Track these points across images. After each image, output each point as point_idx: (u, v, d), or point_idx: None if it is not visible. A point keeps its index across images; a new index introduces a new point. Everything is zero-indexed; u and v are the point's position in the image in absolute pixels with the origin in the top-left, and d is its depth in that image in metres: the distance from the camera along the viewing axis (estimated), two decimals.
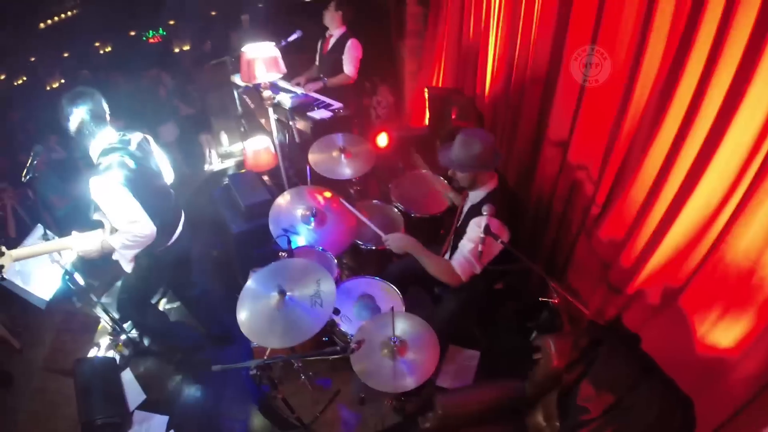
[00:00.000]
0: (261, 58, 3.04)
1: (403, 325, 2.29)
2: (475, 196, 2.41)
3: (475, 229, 2.23)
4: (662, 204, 1.90)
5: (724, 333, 1.62)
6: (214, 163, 5.74)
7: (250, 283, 2.24)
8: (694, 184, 1.72)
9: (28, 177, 2.53)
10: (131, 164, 2.24)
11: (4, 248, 2.16)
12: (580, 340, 2.08)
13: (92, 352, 3.26)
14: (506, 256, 2.29)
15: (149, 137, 2.50)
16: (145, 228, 2.20)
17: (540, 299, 2.11)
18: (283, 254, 2.61)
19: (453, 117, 3.67)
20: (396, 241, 2.44)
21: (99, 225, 2.36)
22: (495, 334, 2.93)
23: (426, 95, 4.14)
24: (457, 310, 2.61)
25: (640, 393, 1.82)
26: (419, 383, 2.10)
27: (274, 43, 3.19)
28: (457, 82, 4.08)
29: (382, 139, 3.90)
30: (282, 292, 2.12)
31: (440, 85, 4.40)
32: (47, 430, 2.89)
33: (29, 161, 2.52)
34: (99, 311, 3.07)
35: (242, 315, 2.12)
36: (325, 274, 2.21)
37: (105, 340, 3.31)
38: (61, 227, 3.78)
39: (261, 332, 2.09)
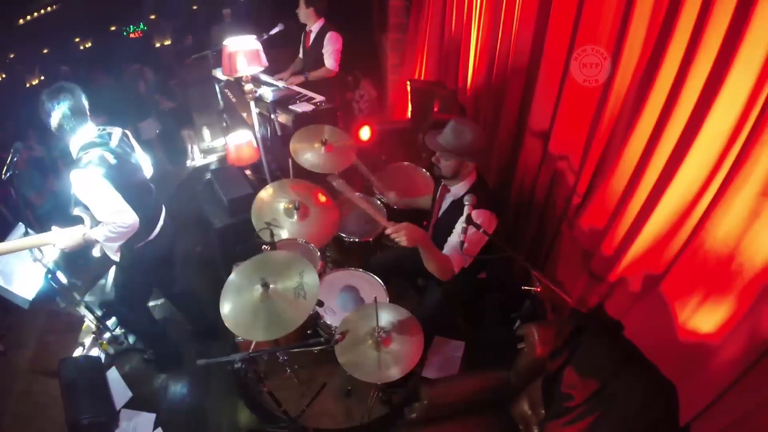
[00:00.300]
0: (242, 51, 3.01)
1: (387, 316, 2.30)
2: (456, 189, 2.41)
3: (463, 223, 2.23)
4: (642, 192, 1.91)
5: (704, 319, 1.64)
6: (196, 159, 5.68)
7: (233, 276, 2.23)
8: (673, 172, 1.74)
9: (7, 174, 2.48)
10: (112, 160, 2.22)
11: None
12: (563, 328, 2.10)
13: (77, 352, 3.22)
14: (490, 246, 2.30)
15: (128, 132, 2.46)
16: (129, 218, 2.19)
17: (523, 288, 2.12)
18: (266, 247, 2.59)
19: (435, 110, 3.67)
20: (411, 232, 2.15)
21: (80, 221, 2.33)
22: (480, 324, 2.95)
23: (408, 88, 4.13)
24: (441, 300, 2.61)
25: (624, 379, 1.83)
26: (404, 373, 2.11)
27: (255, 37, 3.15)
28: (440, 75, 4.08)
29: (365, 133, 3.89)
30: (265, 285, 2.11)
31: (422, 78, 4.40)
32: (34, 431, 2.86)
33: (8, 159, 2.47)
34: (83, 310, 3.02)
35: (225, 309, 2.10)
36: (308, 266, 2.20)
37: (89, 340, 3.27)
38: (42, 225, 3.71)
39: (245, 325, 2.06)
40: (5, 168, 2.43)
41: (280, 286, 2.14)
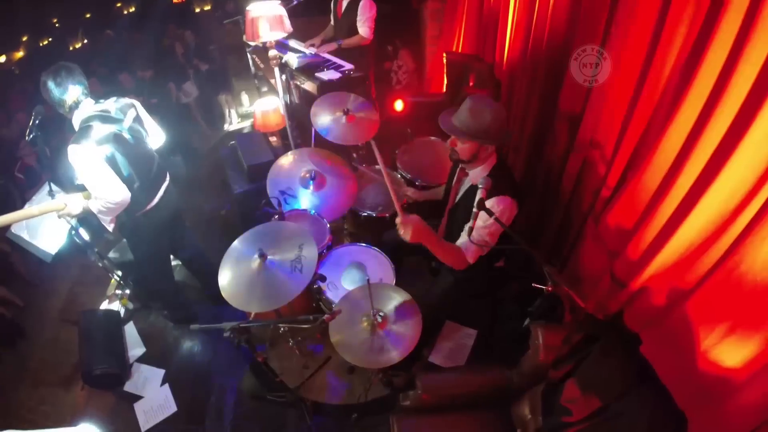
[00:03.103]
0: (265, 16, 2.91)
1: (386, 298, 2.18)
2: (475, 173, 2.22)
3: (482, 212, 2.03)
4: (678, 192, 1.68)
5: (730, 351, 1.43)
6: (233, 123, 5.72)
7: (235, 244, 2.20)
8: (716, 173, 1.48)
9: (31, 136, 2.55)
10: (126, 136, 2.29)
11: None
12: (572, 335, 1.92)
13: (103, 305, 3.35)
14: (506, 235, 2.12)
15: (136, 102, 2.48)
16: (117, 195, 2.23)
17: (534, 285, 1.94)
18: (275, 216, 2.55)
19: (470, 84, 3.44)
20: (415, 231, 2.03)
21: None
22: (495, 313, 2.81)
23: (444, 60, 3.89)
24: (454, 285, 2.48)
25: (631, 401, 1.65)
26: (397, 360, 1.99)
27: (279, 1, 3.03)
28: (478, 47, 3.81)
29: (398, 105, 3.73)
30: (263, 256, 2.06)
31: (460, 50, 4.13)
32: (58, 376, 3.04)
33: (31, 121, 2.53)
34: (104, 265, 3.12)
35: (224, 279, 2.08)
36: (309, 240, 2.13)
37: (113, 294, 3.39)
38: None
39: (241, 296, 2.03)
40: (28, 129, 2.50)
41: (278, 258, 2.09)
